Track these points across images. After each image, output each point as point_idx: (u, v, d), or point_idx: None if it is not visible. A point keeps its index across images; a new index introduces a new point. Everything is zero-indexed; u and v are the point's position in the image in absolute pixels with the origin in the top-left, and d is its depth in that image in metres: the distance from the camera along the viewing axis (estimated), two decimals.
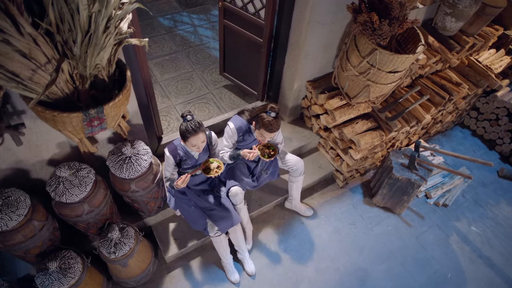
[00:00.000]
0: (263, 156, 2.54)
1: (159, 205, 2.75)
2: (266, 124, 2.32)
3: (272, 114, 2.33)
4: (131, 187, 2.34)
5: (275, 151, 2.58)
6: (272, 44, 3.07)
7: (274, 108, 2.35)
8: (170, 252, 2.77)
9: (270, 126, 2.33)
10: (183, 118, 2.14)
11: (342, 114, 3.07)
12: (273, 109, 2.34)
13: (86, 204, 2.19)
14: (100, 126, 1.65)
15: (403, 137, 3.51)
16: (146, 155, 2.32)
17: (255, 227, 3.08)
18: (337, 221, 3.22)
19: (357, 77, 2.75)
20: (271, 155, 2.57)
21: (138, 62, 2.29)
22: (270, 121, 2.32)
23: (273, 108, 2.34)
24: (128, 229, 2.43)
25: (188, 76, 3.98)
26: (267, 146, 2.61)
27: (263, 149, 2.58)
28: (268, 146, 2.61)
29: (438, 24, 3.44)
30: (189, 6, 5.01)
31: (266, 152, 2.58)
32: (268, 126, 2.32)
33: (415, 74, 3.29)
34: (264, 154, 2.55)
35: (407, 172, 3.04)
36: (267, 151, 2.58)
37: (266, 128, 2.32)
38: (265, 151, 2.58)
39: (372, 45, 2.49)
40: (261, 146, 2.58)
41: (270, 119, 2.32)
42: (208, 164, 2.37)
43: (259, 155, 2.52)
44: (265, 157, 2.54)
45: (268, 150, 2.59)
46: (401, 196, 3.16)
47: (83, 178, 2.14)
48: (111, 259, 2.34)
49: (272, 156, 2.56)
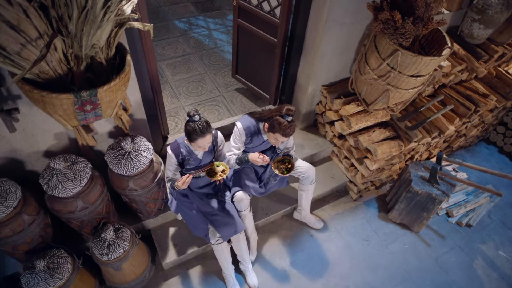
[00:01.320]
0: (282, 173, 2.42)
1: (159, 207, 2.60)
2: (282, 129, 2.16)
3: (289, 118, 2.17)
4: (129, 185, 2.20)
5: (292, 164, 2.43)
6: (287, 45, 2.93)
7: (290, 110, 2.18)
8: (168, 258, 2.60)
9: (286, 130, 2.17)
10: (190, 118, 2.00)
11: (358, 121, 2.88)
12: (290, 111, 2.18)
13: (80, 200, 2.06)
14: (94, 113, 1.52)
15: (423, 150, 3.28)
16: (147, 151, 2.18)
17: (261, 237, 2.88)
18: (349, 235, 2.99)
19: (376, 81, 2.57)
20: (288, 168, 2.44)
21: (143, 53, 2.19)
22: (286, 125, 2.16)
23: (290, 111, 2.18)
24: (123, 230, 2.28)
25: (199, 78, 3.89)
26: (282, 161, 2.46)
27: (278, 165, 2.44)
28: (283, 160, 2.46)
29: (465, 32, 3.25)
30: (206, 11, 4.98)
31: (282, 167, 2.45)
32: (284, 130, 2.17)
33: (438, 82, 3.09)
34: (282, 171, 2.43)
35: (427, 186, 2.80)
36: (283, 166, 2.45)
37: (283, 132, 2.17)
38: (281, 167, 2.45)
39: (393, 46, 2.32)
40: (275, 162, 2.45)
41: (287, 122, 2.16)
42: (213, 167, 2.22)
43: (277, 173, 2.41)
44: (284, 173, 2.42)
45: (284, 165, 2.45)
46: (419, 212, 2.91)
47: (79, 172, 2.02)
48: (103, 261, 2.18)
49: (290, 170, 2.43)
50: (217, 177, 2.18)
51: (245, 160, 2.43)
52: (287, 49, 2.96)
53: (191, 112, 2.01)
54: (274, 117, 2.22)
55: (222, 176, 2.19)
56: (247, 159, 2.41)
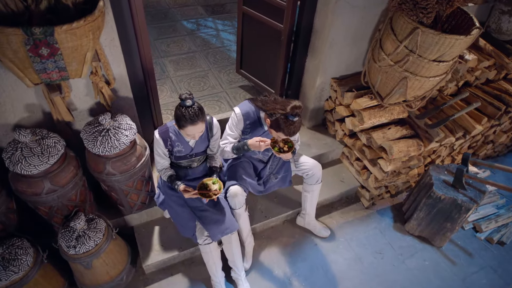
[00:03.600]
0: (273, 148, 2.06)
1: (143, 200, 2.31)
2: (287, 128, 1.89)
3: (295, 119, 1.88)
4: (106, 167, 1.93)
5: (291, 149, 2.09)
6: (294, 32, 2.70)
7: (297, 108, 1.88)
8: (150, 260, 2.28)
9: (291, 128, 1.90)
10: (181, 101, 1.75)
11: (371, 116, 2.57)
12: (296, 110, 1.88)
13: (47, 180, 1.80)
14: (55, 63, 1.29)
15: (446, 154, 2.92)
16: (128, 130, 1.93)
17: (258, 243, 2.53)
18: (359, 247, 2.61)
19: (392, 68, 2.29)
20: (283, 150, 2.08)
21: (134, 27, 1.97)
22: (291, 123, 1.88)
23: (296, 109, 1.88)
24: (98, 221, 1.99)
25: (203, 75, 3.68)
26: (285, 141, 2.13)
27: (278, 141, 2.10)
28: (286, 141, 2.13)
29: (492, 27, 2.96)
30: (215, 13, 4.87)
31: (280, 146, 2.09)
32: (289, 129, 1.89)
33: (463, 78, 2.77)
34: (274, 146, 2.07)
35: (451, 191, 2.42)
36: (282, 146, 2.09)
37: (287, 131, 1.90)
38: (279, 145, 2.09)
39: (412, 24, 2.05)
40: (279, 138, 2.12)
41: (292, 123, 1.88)
42: (208, 182, 1.98)
43: (270, 145, 2.05)
44: (275, 149, 2.06)
45: (283, 145, 2.10)
46: (442, 223, 2.52)
47: (48, 148, 1.77)
48: (70, 255, 1.89)
49: (283, 151, 2.07)
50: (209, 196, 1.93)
51: (244, 147, 2.12)
52: (294, 37, 2.73)
53: (183, 95, 1.75)
54: (277, 115, 1.93)
55: (212, 197, 1.93)
56: (246, 147, 2.11)
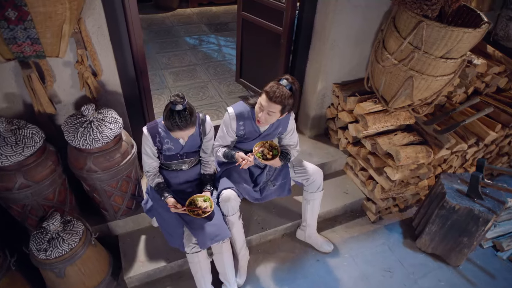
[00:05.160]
0: (257, 154, 1.92)
1: (128, 205, 2.13)
2: (269, 89, 1.76)
3: (284, 82, 1.77)
4: (87, 163, 1.78)
5: (275, 157, 1.92)
6: (294, 36, 2.63)
7: (288, 77, 1.80)
8: (133, 272, 2.06)
9: (273, 91, 1.74)
10: (171, 104, 1.63)
11: (376, 120, 2.42)
12: (286, 78, 1.79)
13: (21, 174, 1.65)
14: (26, 31, 1.18)
15: (458, 164, 2.71)
16: (113, 123, 1.79)
17: (253, 257, 2.31)
18: (366, 264, 2.36)
19: (396, 67, 2.16)
20: (266, 158, 1.92)
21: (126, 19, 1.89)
22: (274, 86, 1.76)
23: (287, 78, 1.80)
24: (75, 223, 1.81)
25: (202, 85, 3.61)
26: (272, 147, 1.98)
27: (264, 147, 1.96)
28: (272, 147, 1.98)
29: (500, 34, 2.87)
30: (218, 31, 4.91)
31: (264, 152, 1.94)
32: (269, 91, 1.75)
33: (472, 83, 2.63)
34: (258, 152, 1.93)
35: (466, 201, 2.20)
36: (266, 153, 1.95)
37: (268, 94, 1.76)
38: (263, 150, 1.95)
39: (416, 17, 1.94)
40: (266, 144, 1.98)
41: (276, 83, 1.77)
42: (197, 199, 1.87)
43: (253, 151, 1.93)
44: (257, 155, 1.92)
45: (267, 151, 1.95)
46: (458, 237, 2.27)
47: (24, 139, 1.64)
48: (40, 259, 1.69)
49: (266, 159, 1.91)
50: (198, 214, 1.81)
51: (231, 155, 1.99)
52: (294, 39, 2.65)
53: (173, 99, 1.62)
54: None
55: (201, 215, 1.80)
56: (232, 155, 1.98)
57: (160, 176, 1.97)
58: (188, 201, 1.86)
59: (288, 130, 2.11)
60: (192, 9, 5.53)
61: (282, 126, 2.06)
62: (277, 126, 2.05)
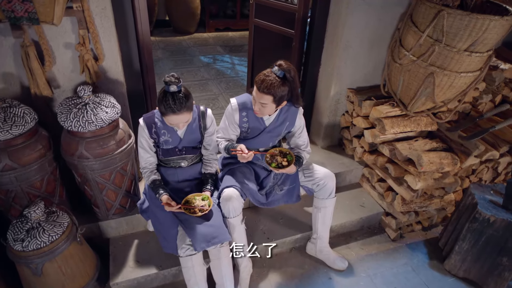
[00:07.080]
0: (270, 164, 1.78)
1: (122, 203, 1.96)
2: (256, 80, 1.66)
3: (275, 69, 1.66)
4: (78, 148, 1.65)
5: (290, 162, 1.78)
6: (306, 38, 2.55)
7: (281, 63, 1.68)
8: (121, 277, 1.85)
9: (260, 81, 1.64)
10: (165, 85, 1.54)
11: (394, 124, 2.23)
12: (279, 64, 1.67)
13: (6, 154, 1.54)
14: None
15: (488, 177, 2.44)
16: (110, 108, 1.69)
17: (257, 271, 2.05)
18: (386, 285, 2.05)
19: (415, 64, 2.01)
20: (281, 165, 1.78)
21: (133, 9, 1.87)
22: (262, 75, 1.66)
23: (280, 63, 1.68)
24: (60, 214, 1.65)
25: (213, 97, 3.56)
26: (283, 154, 1.83)
27: (275, 154, 1.82)
28: (285, 154, 1.83)
29: None
30: (233, 52, 4.96)
31: (278, 160, 1.80)
32: (257, 81, 1.66)
33: (500, 89, 2.43)
34: (272, 162, 1.79)
35: (503, 213, 1.92)
36: (280, 160, 1.80)
37: (256, 84, 1.66)
38: (277, 158, 1.81)
39: (436, 7, 1.82)
40: (276, 151, 1.83)
41: (267, 73, 1.66)
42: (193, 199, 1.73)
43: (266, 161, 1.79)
44: (272, 165, 1.78)
45: (281, 159, 1.81)
46: (496, 257, 1.96)
47: (14, 117, 1.55)
48: (16, 252, 1.52)
49: (282, 166, 1.78)
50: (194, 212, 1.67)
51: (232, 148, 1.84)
52: (306, 43, 2.57)
53: (167, 79, 1.53)
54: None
55: (198, 213, 1.66)
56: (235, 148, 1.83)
57: (157, 173, 1.82)
58: (185, 199, 1.70)
59: (296, 127, 1.94)
60: (209, 34, 5.67)
61: (289, 121, 1.90)
62: (284, 120, 1.89)
